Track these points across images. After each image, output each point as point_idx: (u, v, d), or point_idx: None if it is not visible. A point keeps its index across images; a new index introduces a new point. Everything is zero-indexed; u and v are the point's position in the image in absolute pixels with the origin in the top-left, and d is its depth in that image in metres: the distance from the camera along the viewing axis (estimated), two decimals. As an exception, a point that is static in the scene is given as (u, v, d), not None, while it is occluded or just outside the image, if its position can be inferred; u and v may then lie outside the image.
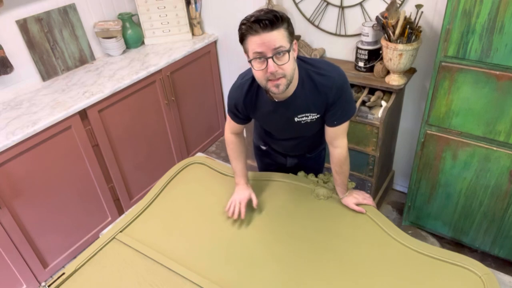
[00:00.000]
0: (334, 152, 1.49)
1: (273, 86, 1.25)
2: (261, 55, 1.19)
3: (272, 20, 1.15)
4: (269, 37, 1.16)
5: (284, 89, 1.26)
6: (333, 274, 1.32)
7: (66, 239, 2.33)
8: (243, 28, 1.19)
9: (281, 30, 1.18)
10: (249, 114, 1.49)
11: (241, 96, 1.43)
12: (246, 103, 1.44)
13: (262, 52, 1.18)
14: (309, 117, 1.42)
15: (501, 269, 2.08)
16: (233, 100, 1.47)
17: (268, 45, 1.17)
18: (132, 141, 2.54)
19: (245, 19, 1.19)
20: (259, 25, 1.15)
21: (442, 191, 2.07)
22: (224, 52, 3.02)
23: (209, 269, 1.37)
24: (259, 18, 1.15)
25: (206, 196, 1.68)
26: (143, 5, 2.71)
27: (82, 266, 1.43)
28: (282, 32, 1.18)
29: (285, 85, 1.25)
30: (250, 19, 1.17)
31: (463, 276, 1.27)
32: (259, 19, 1.15)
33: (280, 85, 1.24)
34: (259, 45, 1.18)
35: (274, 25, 1.16)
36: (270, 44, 1.17)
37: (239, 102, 1.44)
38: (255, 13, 1.19)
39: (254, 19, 1.16)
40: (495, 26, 1.52)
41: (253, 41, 1.18)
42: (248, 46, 1.21)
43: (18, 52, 2.27)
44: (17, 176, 1.99)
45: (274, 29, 1.16)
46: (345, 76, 1.37)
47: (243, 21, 1.19)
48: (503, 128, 1.72)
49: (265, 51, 1.18)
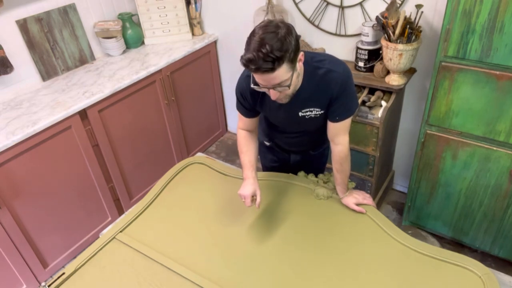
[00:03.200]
0: (335, 149, 1.49)
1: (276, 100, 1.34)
2: (264, 85, 1.25)
3: (271, 67, 1.15)
4: (269, 77, 1.19)
5: (287, 101, 1.36)
6: (333, 274, 1.32)
7: (66, 239, 2.33)
8: (243, 65, 1.18)
9: (282, 67, 1.17)
10: (256, 105, 1.50)
11: (248, 86, 1.42)
12: (252, 94, 1.45)
13: (264, 85, 1.24)
14: (313, 112, 1.43)
15: (501, 269, 2.08)
16: (240, 90, 1.48)
17: (269, 82, 1.21)
18: (132, 141, 2.54)
19: (245, 59, 1.16)
20: (259, 71, 1.17)
21: (442, 191, 2.07)
22: (224, 52, 3.02)
23: (209, 269, 1.37)
24: (258, 67, 1.15)
25: (206, 196, 1.68)
26: (143, 5, 2.71)
27: (82, 266, 1.43)
28: (283, 69, 1.18)
29: (288, 98, 1.35)
30: (249, 65, 1.15)
31: (463, 276, 1.27)
32: (258, 68, 1.15)
33: (283, 99, 1.34)
34: (261, 81, 1.23)
35: (274, 69, 1.16)
36: (271, 81, 1.21)
37: (246, 92, 1.45)
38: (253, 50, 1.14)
39: (253, 67, 1.15)
40: (495, 26, 1.52)
41: (255, 75, 1.23)
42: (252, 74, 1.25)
43: (18, 52, 2.27)
44: (17, 176, 1.99)
45: (274, 71, 1.17)
46: (349, 71, 1.39)
47: (242, 59, 1.16)
48: (503, 128, 1.72)
49: (267, 85, 1.23)
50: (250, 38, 1.18)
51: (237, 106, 1.55)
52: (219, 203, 1.63)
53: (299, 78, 1.32)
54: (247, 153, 1.55)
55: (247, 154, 1.54)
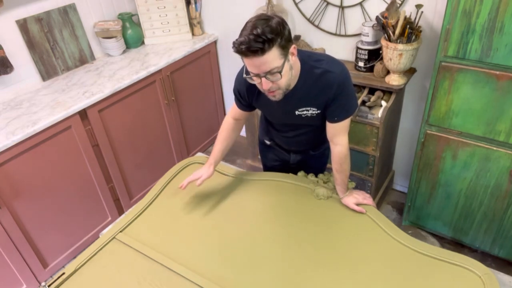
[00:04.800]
0: (335, 150, 1.49)
1: (270, 95, 1.33)
2: (255, 74, 1.25)
3: (261, 47, 1.16)
4: (260, 61, 1.20)
5: (280, 97, 1.34)
6: (333, 274, 1.32)
7: (66, 239, 2.33)
8: (234, 50, 1.21)
9: (273, 50, 1.19)
10: (252, 101, 1.52)
11: (245, 83, 1.44)
12: (248, 89, 1.46)
13: (255, 72, 1.24)
14: (310, 111, 1.44)
15: (501, 269, 2.08)
16: (237, 84, 1.51)
17: (260, 68, 1.22)
18: (132, 141, 2.54)
19: (237, 43, 1.19)
20: (249, 52, 1.17)
21: (442, 191, 2.07)
22: (224, 52, 3.02)
23: (209, 269, 1.37)
24: (249, 47, 1.16)
25: (206, 196, 1.68)
26: (143, 5, 2.71)
27: (82, 266, 1.43)
28: (273, 53, 1.19)
29: (282, 94, 1.33)
30: (240, 47, 1.18)
31: (463, 276, 1.27)
32: (249, 48, 1.16)
33: (276, 95, 1.33)
34: (252, 67, 1.23)
35: (264, 51, 1.17)
36: (261, 67, 1.21)
37: (243, 88, 1.48)
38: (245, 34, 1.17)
39: (244, 47, 1.17)
40: (495, 26, 1.52)
41: (246, 61, 1.23)
42: (243, 60, 1.25)
43: (18, 52, 2.27)
44: (17, 176, 1.99)
45: (264, 53, 1.18)
46: (347, 72, 1.38)
47: (234, 43, 1.20)
48: (503, 128, 1.72)
49: (258, 72, 1.23)
50: (243, 27, 1.22)
51: (234, 99, 1.59)
52: (219, 203, 1.63)
53: (292, 72, 1.31)
54: (222, 142, 1.64)
55: (222, 143, 1.64)
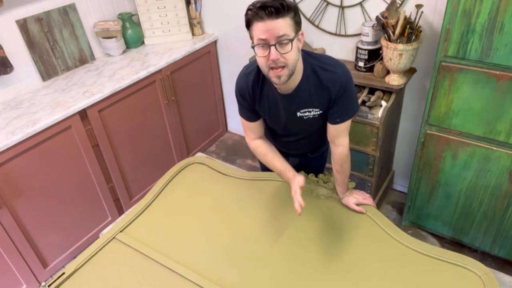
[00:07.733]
0: (336, 151, 1.49)
1: (274, 76, 1.25)
2: (265, 42, 1.20)
3: (278, 7, 1.15)
4: (274, 25, 1.17)
5: (285, 80, 1.26)
6: (333, 274, 1.32)
7: (66, 239, 2.33)
8: (249, 14, 1.19)
9: (287, 18, 1.18)
10: (255, 104, 1.48)
11: (247, 84, 1.42)
12: (251, 91, 1.43)
13: (265, 39, 1.19)
14: (312, 112, 1.42)
15: (501, 269, 2.08)
16: (239, 89, 1.46)
17: (272, 33, 1.18)
18: (132, 141, 2.54)
19: (252, 5, 1.19)
20: (265, 12, 1.16)
21: (442, 191, 2.07)
22: (224, 52, 3.02)
23: (209, 269, 1.37)
24: (265, 5, 1.16)
25: (206, 196, 1.68)
26: (143, 5, 2.70)
27: (82, 266, 1.43)
28: (287, 21, 1.18)
29: (287, 76, 1.26)
30: (257, 5, 1.17)
31: (463, 276, 1.27)
32: (265, 6, 1.16)
33: (282, 76, 1.25)
34: (263, 32, 1.18)
35: (280, 13, 1.16)
36: (274, 31, 1.17)
37: (245, 91, 1.44)
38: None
39: (260, 5, 1.17)
40: (495, 26, 1.52)
41: (258, 27, 1.19)
42: (253, 32, 1.22)
43: (18, 52, 2.27)
44: (17, 176, 1.99)
45: (279, 17, 1.16)
46: (349, 73, 1.38)
47: (250, 6, 1.19)
48: (503, 128, 1.72)
49: (269, 38, 1.19)
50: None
51: (239, 111, 1.54)
52: (219, 203, 1.63)
53: (297, 60, 1.27)
54: (274, 158, 1.53)
55: (276, 159, 1.52)
